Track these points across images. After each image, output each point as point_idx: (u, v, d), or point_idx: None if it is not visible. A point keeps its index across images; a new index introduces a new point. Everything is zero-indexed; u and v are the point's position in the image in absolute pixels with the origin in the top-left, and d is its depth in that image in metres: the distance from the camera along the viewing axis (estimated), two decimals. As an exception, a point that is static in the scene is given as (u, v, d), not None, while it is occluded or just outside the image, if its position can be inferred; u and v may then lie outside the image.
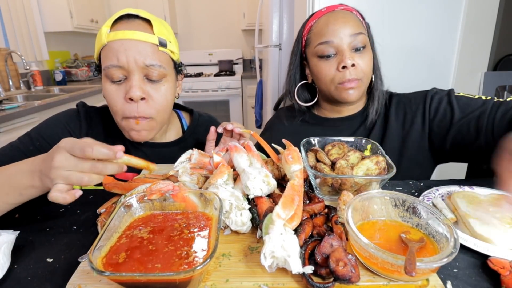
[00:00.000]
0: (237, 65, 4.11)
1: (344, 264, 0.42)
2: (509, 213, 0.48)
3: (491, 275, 0.48)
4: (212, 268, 0.47)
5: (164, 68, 0.78)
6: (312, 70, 0.94)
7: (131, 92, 0.74)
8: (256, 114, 2.80)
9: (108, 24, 0.76)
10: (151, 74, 0.76)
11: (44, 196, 0.79)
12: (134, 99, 0.75)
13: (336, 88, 0.89)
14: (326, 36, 0.87)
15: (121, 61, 0.73)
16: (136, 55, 0.73)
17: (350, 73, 0.86)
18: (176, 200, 0.54)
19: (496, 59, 3.08)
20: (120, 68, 0.74)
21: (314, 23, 0.92)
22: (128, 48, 0.73)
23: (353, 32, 0.85)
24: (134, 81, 0.74)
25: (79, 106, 0.92)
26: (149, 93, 0.77)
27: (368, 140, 0.77)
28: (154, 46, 0.76)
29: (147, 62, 0.74)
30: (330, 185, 0.65)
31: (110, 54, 0.74)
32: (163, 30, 0.79)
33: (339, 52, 0.87)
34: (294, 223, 0.48)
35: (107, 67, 0.75)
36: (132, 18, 0.77)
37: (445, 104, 0.87)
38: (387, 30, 1.43)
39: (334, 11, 0.90)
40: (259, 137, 0.72)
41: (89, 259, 0.39)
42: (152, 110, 0.78)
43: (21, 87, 2.84)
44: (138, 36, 0.74)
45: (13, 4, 2.74)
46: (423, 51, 1.47)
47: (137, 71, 0.75)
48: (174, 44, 0.82)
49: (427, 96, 0.91)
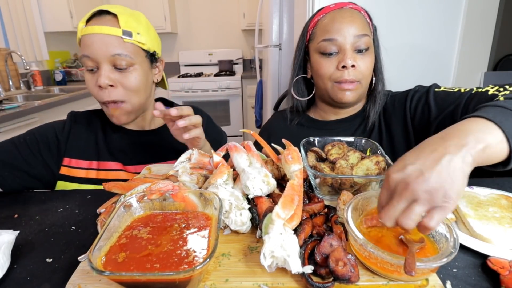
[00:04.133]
0: (237, 65, 4.11)
1: (344, 264, 0.42)
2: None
3: (491, 275, 0.48)
4: (212, 268, 0.47)
5: (131, 57, 0.85)
6: (313, 65, 0.93)
7: (99, 80, 0.83)
8: (256, 114, 2.80)
9: (83, 20, 0.86)
10: (118, 63, 0.83)
11: (43, 196, 0.79)
12: (102, 86, 0.83)
13: (333, 86, 0.89)
14: (330, 33, 0.86)
15: (90, 52, 0.82)
16: (102, 47, 0.82)
17: (349, 74, 0.85)
18: (176, 200, 0.54)
19: (496, 59, 3.08)
20: (89, 58, 0.83)
21: (320, 18, 0.91)
22: (95, 41, 0.82)
23: (358, 33, 0.85)
24: (102, 70, 0.83)
25: (68, 114, 1.01)
26: (117, 80, 0.85)
27: (368, 140, 0.77)
28: (119, 38, 0.83)
29: (112, 52, 0.82)
30: (329, 185, 0.65)
31: (83, 45, 0.84)
32: (130, 22, 0.86)
33: (341, 51, 0.86)
34: (293, 223, 0.48)
35: (81, 57, 0.85)
36: (103, 14, 0.85)
37: (423, 102, 0.86)
38: (387, 30, 1.43)
39: (342, 8, 0.89)
40: (259, 137, 0.72)
41: (88, 258, 0.39)
42: (121, 94, 0.86)
43: (21, 87, 2.84)
44: (104, 30, 0.82)
45: (13, 4, 2.74)
46: (423, 51, 1.47)
47: (104, 61, 0.83)
48: (145, 36, 0.88)
49: (408, 96, 0.90)
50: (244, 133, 3.74)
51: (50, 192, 0.84)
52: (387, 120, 0.94)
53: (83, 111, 1.03)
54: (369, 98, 0.96)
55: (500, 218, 0.58)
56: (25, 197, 0.79)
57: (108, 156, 0.95)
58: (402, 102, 0.91)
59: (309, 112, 1.06)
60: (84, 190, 0.87)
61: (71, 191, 0.84)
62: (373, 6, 1.40)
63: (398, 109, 0.92)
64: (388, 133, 0.93)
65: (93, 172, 0.94)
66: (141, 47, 0.88)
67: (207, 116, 1.10)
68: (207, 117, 1.10)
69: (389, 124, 0.93)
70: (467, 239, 0.55)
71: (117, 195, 0.65)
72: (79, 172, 0.94)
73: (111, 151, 0.96)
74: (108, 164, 0.95)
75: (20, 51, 2.75)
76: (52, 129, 0.94)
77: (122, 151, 0.97)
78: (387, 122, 0.94)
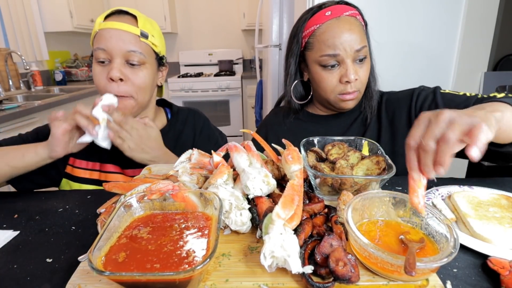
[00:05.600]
0: (237, 65, 4.11)
1: (344, 264, 0.42)
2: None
3: (491, 275, 0.48)
4: (212, 268, 0.47)
5: (144, 56, 0.89)
6: (313, 76, 0.94)
7: (111, 72, 0.85)
8: (256, 114, 2.80)
9: (102, 16, 0.89)
10: (131, 59, 0.87)
11: (43, 196, 0.79)
12: (114, 79, 0.86)
13: (335, 97, 0.91)
14: (332, 48, 0.86)
15: (106, 45, 0.86)
16: (119, 42, 0.86)
17: (351, 86, 0.88)
18: (176, 200, 0.54)
19: (496, 59, 3.08)
20: (104, 51, 0.86)
21: (317, 28, 0.88)
22: (114, 35, 0.86)
23: (359, 46, 0.86)
24: (115, 63, 0.86)
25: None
26: (128, 75, 0.88)
27: (367, 140, 0.77)
28: (136, 36, 0.88)
29: (128, 49, 0.86)
30: (330, 185, 0.65)
31: (99, 39, 0.87)
32: (147, 25, 0.90)
33: (342, 64, 0.87)
34: (294, 223, 0.48)
35: (95, 50, 0.88)
36: (123, 13, 0.90)
37: (430, 101, 0.88)
38: (386, 31, 1.43)
39: (339, 18, 0.87)
40: (259, 137, 0.72)
41: (89, 258, 0.39)
42: (130, 89, 0.89)
43: (21, 87, 2.84)
44: (123, 27, 0.86)
45: (13, 4, 2.74)
46: (423, 51, 1.47)
47: (118, 55, 0.86)
48: (158, 40, 0.93)
49: (413, 94, 0.92)
50: (244, 133, 3.74)
51: (50, 192, 0.84)
52: (389, 115, 0.95)
53: None
54: (365, 94, 0.97)
55: (500, 218, 0.58)
56: (25, 197, 0.79)
57: (108, 159, 0.96)
58: (408, 99, 0.93)
59: (307, 107, 1.07)
60: (84, 190, 0.87)
61: (71, 191, 0.84)
62: (373, 6, 1.41)
63: (403, 105, 0.93)
64: (390, 128, 0.94)
65: (96, 174, 0.95)
66: (154, 49, 0.92)
67: (204, 118, 1.11)
68: (204, 118, 1.11)
69: (392, 119, 0.95)
70: (467, 239, 0.55)
71: (117, 195, 0.65)
72: (82, 172, 0.95)
73: (110, 154, 0.95)
74: (108, 166, 0.96)
75: (20, 51, 2.75)
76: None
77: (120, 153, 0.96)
78: (389, 117, 0.95)
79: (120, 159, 0.95)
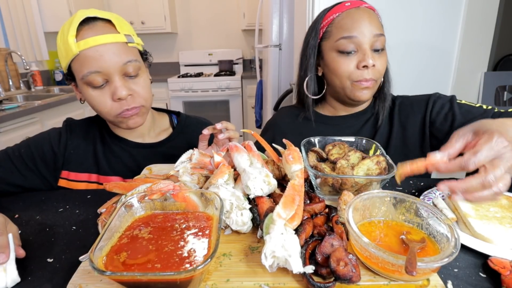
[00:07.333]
0: (237, 65, 4.11)
1: (345, 264, 0.42)
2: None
3: (492, 275, 0.48)
4: (213, 268, 0.47)
5: (138, 61, 0.82)
6: (329, 64, 0.92)
7: (118, 93, 0.78)
8: (256, 114, 2.80)
9: (72, 33, 0.75)
10: (129, 71, 0.80)
11: (44, 196, 0.79)
12: (123, 98, 0.80)
13: (351, 84, 0.89)
14: (350, 30, 0.85)
15: (100, 66, 0.76)
16: (112, 57, 0.77)
17: (369, 73, 0.86)
18: (177, 200, 0.54)
19: (496, 59, 3.08)
20: (99, 73, 0.77)
21: (336, 16, 0.89)
22: (104, 52, 0.76)
23: (377, 32, 0.85)
24: (117, 82, 0.79)
25: (64, 123, 0.97)
26: (133, 88, 0.82)
27: (369, 140, 0.77)
28: (124, 44, 0.80)
29: (123, 61, 0.78)
30: (330, 185, 0.65)
31: (86, 62, 0.76)
32: (124, 26, 0.82)
33: (360, 50, 0.86)
34: (294, 223, 0.48)
35: (86, 75, 0.77)
36: (92, 21, 0.78)
37: (447, 109, 0.88)
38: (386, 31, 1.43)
39: (359, 7, 0.88)
40: (260, 137, 0.72)
41: (90, 258, 0.39)
42: (138, 99, 0.84)
43: (21, 87, 2.84)
44: (108, 39, 0.76)
45: (13, 4, 2.74)
46: (423, 51, 1.47)
47: (116, 72, 0.78)
48: (135, 35, 0.85)
49: (429, 100, 0.92)
50: (244, 133, 3.74)
51: (50, 192, 0.84)
52: (402, 119, 0.95)
53: (80, 120, 1.00)
54: (378, 96, 0.97)
55: (501, 218, 0.58)
56: (26, 198, 0.79)
57: (108, 170, 0.93)
58: (423, 105, 0.93)
59: (317, 107, 1.06)
60: (84, 190, 0.87)
61: (71, 191, 0.84)
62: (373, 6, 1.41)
63: (417, 111, 0.93)
64: (402, 132, 0.94)
65: (94, 185, 0.92)
66: (139, 49, 0.87)
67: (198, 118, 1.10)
68: (199, 119, 1.10)
69: (405, 123, 0.94)
70: (468, 239, 0.55)
71: (117, 195, 0.65)
72: (78, 185, 0.92)
73: (111, 165, 0.94)
74: (109, 178, 0.93)
75: (20, 51, 2.75)
76: (47, 141, 0.91)
77: (123, 164, 0.94)
78: (402, 121, 0.95)
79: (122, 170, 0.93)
